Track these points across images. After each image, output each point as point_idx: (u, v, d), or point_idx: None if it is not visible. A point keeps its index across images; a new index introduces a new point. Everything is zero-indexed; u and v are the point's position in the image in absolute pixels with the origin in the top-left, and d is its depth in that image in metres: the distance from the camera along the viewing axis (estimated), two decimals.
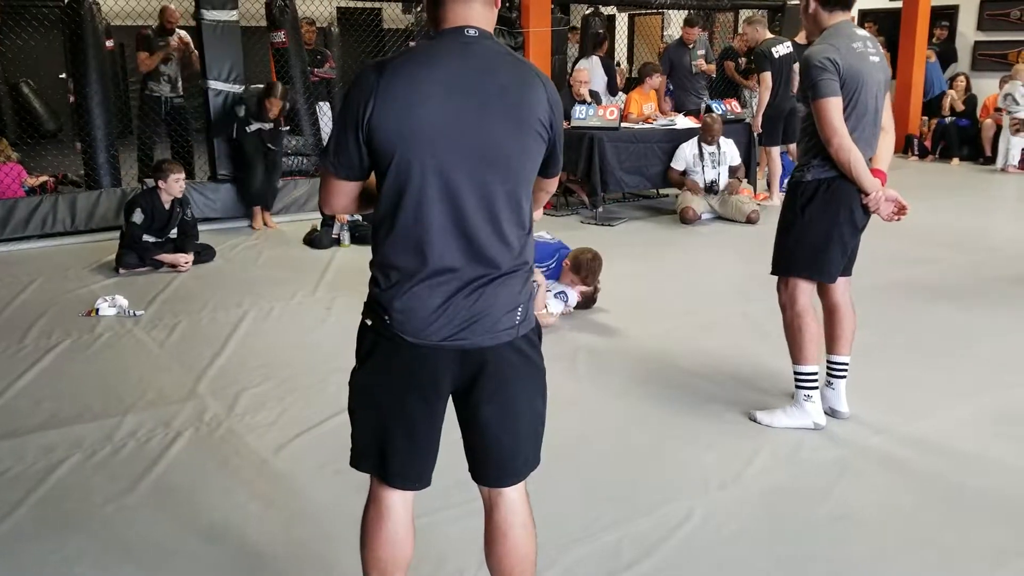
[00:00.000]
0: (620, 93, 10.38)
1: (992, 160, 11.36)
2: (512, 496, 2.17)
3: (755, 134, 8.65)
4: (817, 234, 3.60)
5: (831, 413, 3.83)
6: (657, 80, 9.20)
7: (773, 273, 3.79)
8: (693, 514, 3.06)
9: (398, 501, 2.15)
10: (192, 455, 3.52)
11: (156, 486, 3.27)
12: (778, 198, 8.20)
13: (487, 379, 2.04)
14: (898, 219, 3.67)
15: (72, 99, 9.09)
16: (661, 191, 9.12)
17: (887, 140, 3.71)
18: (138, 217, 6.18)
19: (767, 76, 8.33)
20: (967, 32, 13.56)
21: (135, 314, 5.27)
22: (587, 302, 5.34)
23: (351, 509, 2.49)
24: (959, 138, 11.70)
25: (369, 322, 2.06)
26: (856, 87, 3.46)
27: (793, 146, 8.46)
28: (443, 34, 1.97)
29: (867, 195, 3.55)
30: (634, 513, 3.08)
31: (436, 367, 2.01)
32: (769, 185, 8.80)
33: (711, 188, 8.00)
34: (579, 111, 8.22)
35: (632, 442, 3.66)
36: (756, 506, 3.16)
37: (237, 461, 3.45)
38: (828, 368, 3.85)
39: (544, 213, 8.47)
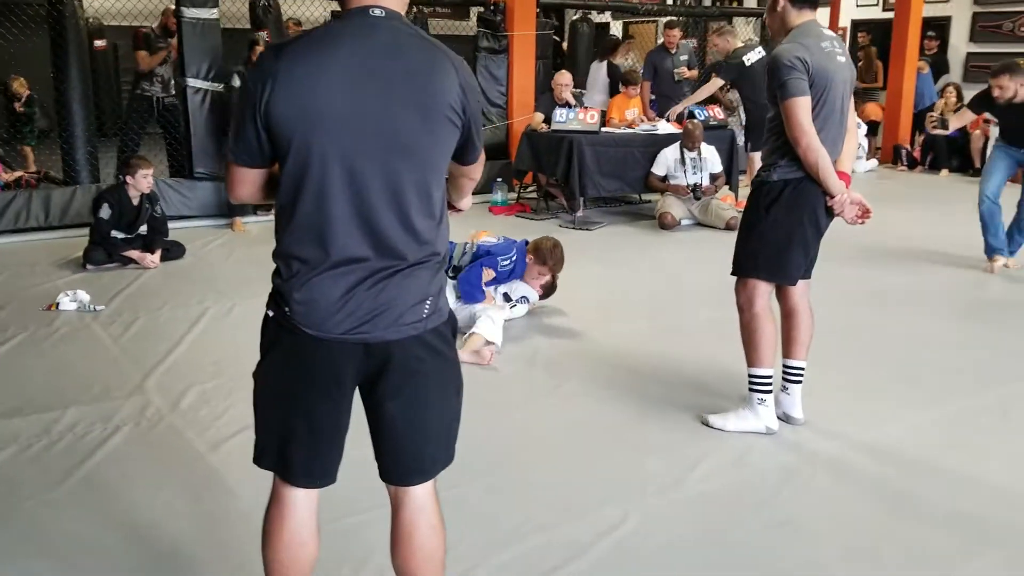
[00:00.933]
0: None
1: (981, 172, 11.28)
2: (419, 494, 2.10)
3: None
4: (780, 235, 3.55)
5: (785, 419, 3.77)
6: (636, 89, 9.14)
7: (733, 274, 3.73)
8: (628, 518, 3.00)
9: (301, 500, 2.09)
10: (127, 450, 3.46)
11: (85, 481, 3.21)
12: None
13: (392, 374, 1.97)
14: (862, 222, 3.62)
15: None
16: (643, 197, 9.06)
17: (851, 142, 3.67)
18: (105, 212, 6.13)
19: (718, 80, 8.23)
20: (959, 44, 13.50)
21: (95, 309, 5.22)
22: (548, 290, 5.29)
23: None
24: (948, 149, 11.63)
25: (271, 313, 1.99)
26: (824, 87, 3.42)
27: None
28: (348, 14, 1.89)
29: (832, 197, 3.51)
30: (568, 516, 3.02)
31: (338, 361, 1.94)
32: None
33: (694, 191, 7.96)
34: (559, 114, 8.18)
35: (578, 445, 3.60)
36: (694, 511, 3.10)
37: (172, 457, 3.40)
38: (784, 373, 3.79)
39: (523, 216, 8.43)
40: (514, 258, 5.19)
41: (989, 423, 3.85)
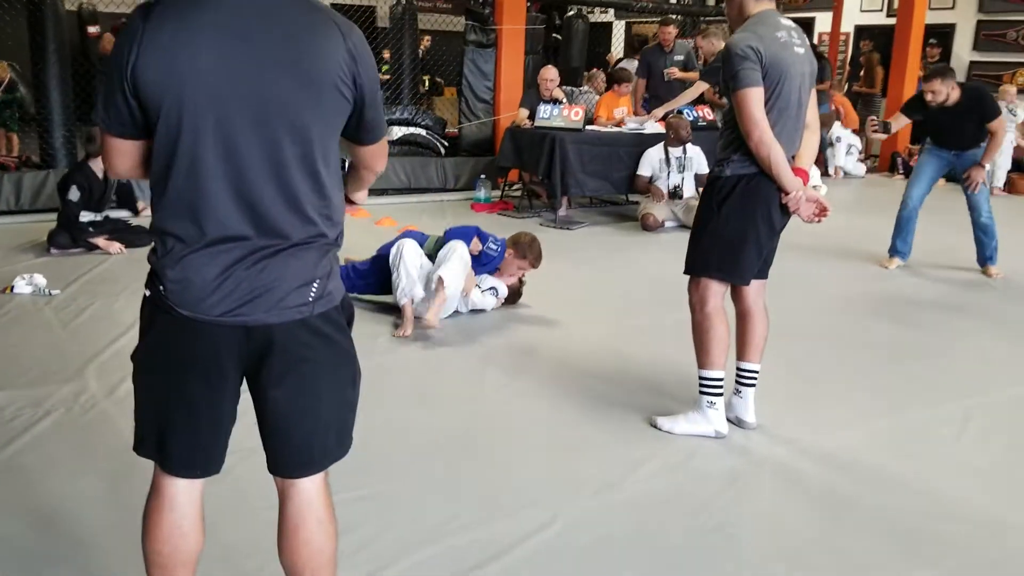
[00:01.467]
0: None
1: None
2: (306, 487, 1.99)
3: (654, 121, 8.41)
4: (733, 233, 3.42)
5: (737, 423, 3.66)
6: (626, 87, 9.00)
7: (686, 272, 3.62)
8: (556, 520, 2.89)
9: (182, 491, 1.97)
10: (53, 436, 3.36)
11: (3, 466, 3.11)
12: None
13: (275, 360, 1.85)
14: (818, 221, 3.49)
15: None
16: (630, 197, 8.93)
17: (811, 138, 3.54)
18: (74, 195, 6.02)
19: (702, 84, 8.04)
20: (962, 52, 13.37)
21: (50, 293, 5.13)
22: (513, 296, 5.19)
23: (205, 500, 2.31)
24: None
25: (148, 293, 1.89)
26: (778, 78, 3.28)
27: None
28: None
29: (787, 194, 3.37)
30: (493, 515, 2.91)
31: (215, 344, 1.83)
32: None
33: (675, 193, 7.80)
34: (544, 110, 8.07)
35: (518, 443, 3.49)
36: (627, 514, 2.98)
37: (98, 444, 3.29)
38: (737, 375, 3.67)
39: (504, 215, 8.31)
40: (499, 249, 5.11)
41: (948, 434, 3.72)
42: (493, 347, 4.59)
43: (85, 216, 6.17)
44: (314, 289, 1.85)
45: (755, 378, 3.66)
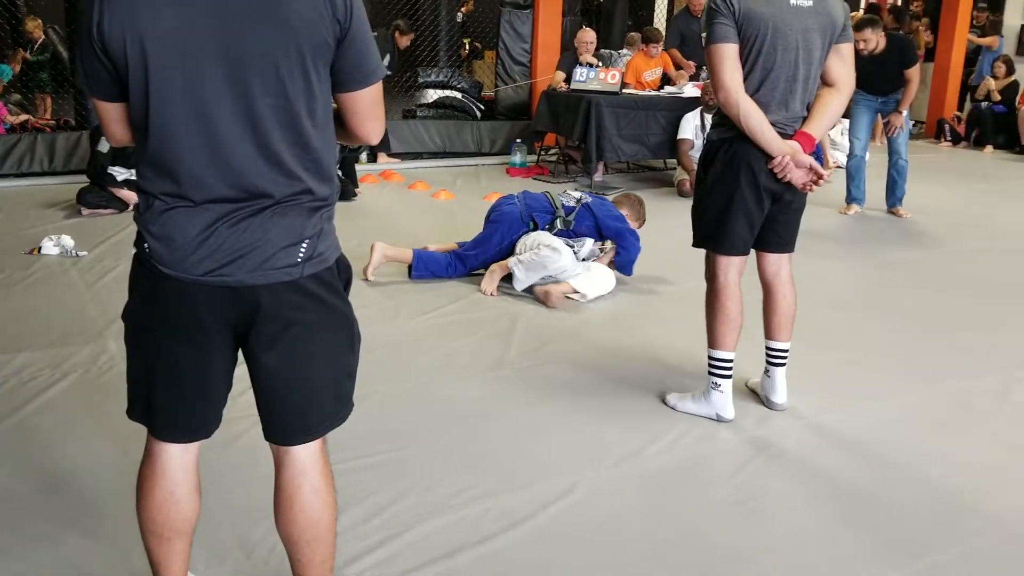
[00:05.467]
0: None
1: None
2: (301, 455, 1.91)
3: None
4: (717, 201, 3.22)
5: (767, 403, 3.48)
6: (656, 48, 8.76)
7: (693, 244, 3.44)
8: (573, 491, 2.81)
9: (175, 457, 1.92)
10: (69, 397, 3.34)
11: (17, 427, 3.09)
12: None
13: (265, 324, 1.77)
14: (811, 190, 3.23)
15: None
16: (669, 162, 8.75)
17: (829, 99, 3.21)
18: (103, 146, 6.00)
19: None
20: (1014, 17, 12.93)
21: (77, 255, 5.12)
22: None
23: (213, 465, 2.26)
24: (994, 125, 11.15)
25: (135, 250, 1.83)
26: (757, 33, 3.02)
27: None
28: None
29: (771, 159, 3.13)
30: (510, 486, 2.83)
31: (199, 305, 1.75)
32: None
33: None
34: (579, 73, 7.91)
35: (537, 414, 3.39)
36: (646, 486, 2.89)
37: (111, 407, 3.24)
38: (766, 354, 3.48)
39: (540, 179, 8.19)
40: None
41: (985, 406, 3.58)
42: (514, 316, 4.49)
43: (121, 174, 6.14)
44: (303, 250, 1.76)
45: (783, 357, 3.45)
